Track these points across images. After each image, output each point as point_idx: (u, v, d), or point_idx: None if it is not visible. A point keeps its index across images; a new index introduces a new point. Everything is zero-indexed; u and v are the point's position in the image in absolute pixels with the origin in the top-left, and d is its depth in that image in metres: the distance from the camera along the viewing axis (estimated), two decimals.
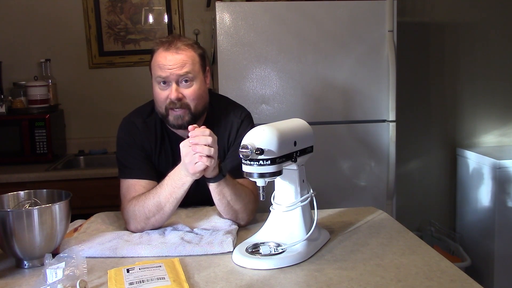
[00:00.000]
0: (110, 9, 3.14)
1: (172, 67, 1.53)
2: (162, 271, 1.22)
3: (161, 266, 1.25)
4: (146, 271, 1.22)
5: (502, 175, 2.87)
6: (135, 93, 2.95)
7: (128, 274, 1.21)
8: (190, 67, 1.55)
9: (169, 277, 1.19)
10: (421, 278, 1.19)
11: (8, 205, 1.42)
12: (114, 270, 1.25)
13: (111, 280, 1.20)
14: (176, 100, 1.55)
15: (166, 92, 1.56)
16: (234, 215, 1.55)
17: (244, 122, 1.71)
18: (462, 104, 3.32)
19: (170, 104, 1.56)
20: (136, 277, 1.19)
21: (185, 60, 1.54)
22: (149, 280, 1.17)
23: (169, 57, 1.54)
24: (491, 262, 2.92)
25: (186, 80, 1.56)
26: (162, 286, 1.15)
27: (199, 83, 1.59)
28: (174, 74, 1.53)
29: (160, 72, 1.54)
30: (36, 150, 2.81)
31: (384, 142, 2.64)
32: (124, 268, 1.24)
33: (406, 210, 3.19)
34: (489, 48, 3.29)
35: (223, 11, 2.51)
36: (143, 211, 1.49)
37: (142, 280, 1.17)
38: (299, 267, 1.28)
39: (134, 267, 1.25)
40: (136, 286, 1.15)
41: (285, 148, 1.30)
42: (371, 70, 2.61)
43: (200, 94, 1.59)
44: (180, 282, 1.17)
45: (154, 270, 1.23)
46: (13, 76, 3.05)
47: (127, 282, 1.17)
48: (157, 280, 1.17)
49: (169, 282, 1.16)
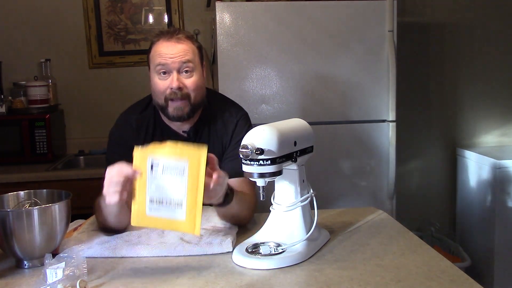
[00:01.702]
0: (110, 9, 3.14)
1: (174, 55, 1.53)
2: (182, 186, 1.25)
3: (185, 169, 1.26)
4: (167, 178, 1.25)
5: (502, 175, 2.87)
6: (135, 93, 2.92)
7: (151, 178, 1.26)
8: (191, 56, 1.56)
9: (186, 205, 1.25)
10: (421, 278, 1.19)
11: (8, 205, 1.41)
12: (140, 156, 1.27)
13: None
14: (177, 89, 1.54)
15: (166, 82, 1.55)
16: (237, 222, 1.55)
17: (240, 122, 1.69)
18: (462, 104, 3.32)
19: (171, 95, 1.55)
20: (157, 189, 1.25)
21: (186, 49, 1.55)
22: (167, 203, 1.25)
23: (170, 46, 1.54)
24: (491, 262, 2.92)
25: (186, 71, 1.55)
26: (177, 220, 1.24)
27: (199, 75, 1.59)
28: (176, 62, 1.53)
29: (160, 60, 1.53)
30: (36, 150, 2.81)
31: (384, 142, 2.64)
32: (148, 165, 1.26)
33: (406, 210, 3.18)
34: (489, 48, 3.29)
35: (223, 11, 2.51)
36: (99, 212, 1.48)
37: (161, 200, 1.25)
38: (299, 267, 1.28)
39: (158, 166, 1.26)
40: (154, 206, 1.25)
41: (285, 148, 1.30)
42: (371, 70, 2.61)
43: (199, 85, 1.59)
44: (194, 215, 1.24)
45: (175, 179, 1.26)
46: (13, 76, 3.05)
47: (148, 196, 1.25)
48: (175, 207, 1.25)
49: (183, 216, 1.24)
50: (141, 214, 1.27)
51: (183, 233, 1.47)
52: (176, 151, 1.26)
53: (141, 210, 1.27)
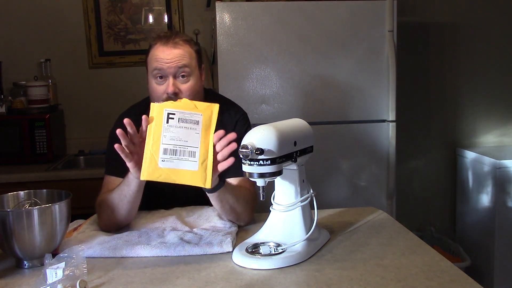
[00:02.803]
0: (110, 9, 3.14)
1: (170, 60, 1.54)
2: (197, 136, 1.33)
3: (199, 121, 1.35)
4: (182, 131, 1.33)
5: (502, 175, 2.87)
6: (135, 93, 2.92)
7: (166, 128, 1.33)
8: (188, 61, 1.57)
9: (199, 156, 1.32)
10: (421, 278, 1.19)
11: (8, 205, 1.41)
12: (156, 109, 1.35)
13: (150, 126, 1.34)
14: (173, 94, 1.55)
15: (163, 87, 1.57)
16: (236, 217, 1.55)
17: (239, 122, 1.70)
18: (462, 104, 3.32)
19: (168, 99, 1.55)
20: (171, 138, 1.32)
21: (182, 54, 1.56)
22: (181, 153, 1.31)
23: (167, 51, 1.55)
24: (491, 262, 2.92)
25: (183, 76, 1.56)
26: (189, 170, 1.31)
27: (196, 79, 1.60)
28: (172, 67, 1.54)
29: (157, 64, 1.55)
30: (36, 150, 2.81)
31: (384, 142, 2.64)
32: (164, 117, 1.34)
33: (406, 210, 3.19)
34: (489, 48, 3.29)
35: (223, 11, 2.51)
36: (105, 208, 1.51)
37: (175, 150, 1.31)
38: (299, 267, 1.28)
39: (174, 117, 1.34)
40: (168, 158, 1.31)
41: (285, 148, 1.30)
42: (371, 70, 2.61)
43: (196, 90, 1.60)
44: (205, 167, 1.32)
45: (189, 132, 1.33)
46: (13, 76, 3.05)
47: (162, 146, 1.32)
48: (188, 156, 1.31)
49: (196, 167, 1.31)
50: (153, 166, 1.32)
51: (183, 233, 1.47)
52: (191, 105, 1.37)
53: (153, 162, 1.32)
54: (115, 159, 1.62)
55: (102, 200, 1.54)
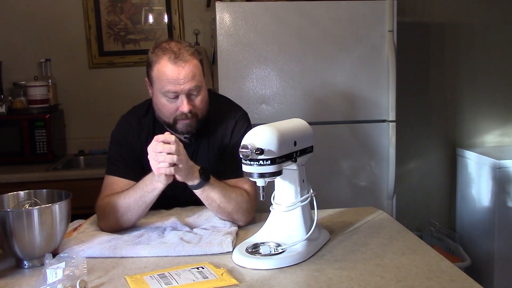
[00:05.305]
0: (110, 9, 3.14)
1: (183, 81, 1.51)
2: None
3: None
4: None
5: (502, 175, 2.87)
6: (135, 93, 2.95)
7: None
8: (199, 78, 1.55)
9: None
10: (421, 278, 1.19)
11: (8, 205, 1.41)
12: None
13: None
14: (188, 112, 1.55)
15: (175, 105, 1.55)
16: (229, 217, 1.55)
17: (239, 122, 1.69)
18: (462, 104, 3.32)
19: (181, 116, 1.55)
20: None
21: (194, 72, 1.53)
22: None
23: (177, 70, 1.50)
24: (491, 262, 2.92)
25: (196, 94, 1.56)
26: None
27: (205, 89, 1.60)
28: (186, 88, 1.52)
29: (171, 87, 1.51)
30: (36, 150, 2.81)
31: (384, 142, 2.64)
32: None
33: (406, 210, 3.18)
34: (489, 48, 3.29)
35: (223, 11, 2.51)
36: (113, 210, 1.50)
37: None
38: (299, 267, 1.28)
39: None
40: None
41: (285, 148, 1.30)
42: (371, 70, 2.61)
43: (206, 100, 1.61)
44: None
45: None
46: (13, 76, 3.05)
47: None
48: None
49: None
50: None
51: (183, 233, 1.47)
52: None
53: None
54: (117, 160, 1.62)
55: (108, 203, 1.53)
